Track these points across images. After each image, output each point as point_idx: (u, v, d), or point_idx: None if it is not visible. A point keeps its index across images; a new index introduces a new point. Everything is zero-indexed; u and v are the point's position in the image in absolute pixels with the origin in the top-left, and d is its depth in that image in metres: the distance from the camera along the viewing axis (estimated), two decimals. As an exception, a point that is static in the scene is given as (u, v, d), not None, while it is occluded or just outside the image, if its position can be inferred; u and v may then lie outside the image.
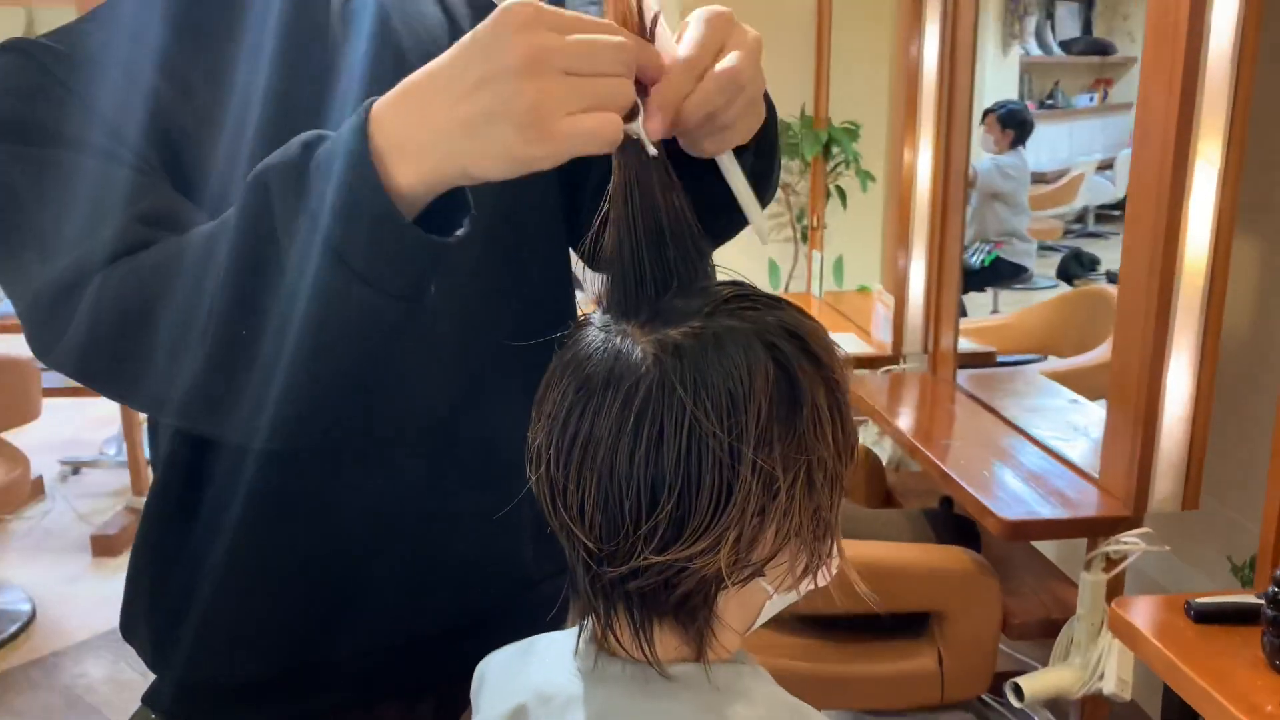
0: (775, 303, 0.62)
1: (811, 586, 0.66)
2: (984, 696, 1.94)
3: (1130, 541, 1.59)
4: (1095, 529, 1.63)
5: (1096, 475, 1.71)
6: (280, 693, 0.85)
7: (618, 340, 0.59)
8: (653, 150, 0.59)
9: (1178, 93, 1.44)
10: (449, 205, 0.59)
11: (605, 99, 0.54)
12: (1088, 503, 1.65)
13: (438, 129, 0.55)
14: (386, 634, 0.84)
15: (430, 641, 0.84)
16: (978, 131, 3.06)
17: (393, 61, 0.78)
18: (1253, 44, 1.42)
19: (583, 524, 0.59)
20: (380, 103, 0.57)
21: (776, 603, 0.66)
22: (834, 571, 0.67)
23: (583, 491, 0.58)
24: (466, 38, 0.55)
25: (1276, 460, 1.31)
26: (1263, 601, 1.19)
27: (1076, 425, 1.96)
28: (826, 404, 0.60)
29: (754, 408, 0.57)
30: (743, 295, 0.61)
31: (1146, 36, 1.52)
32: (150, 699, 0.88)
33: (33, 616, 2.80)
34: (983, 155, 3.05)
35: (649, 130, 0.59)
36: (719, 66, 0.59)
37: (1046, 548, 2.16)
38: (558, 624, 0.77)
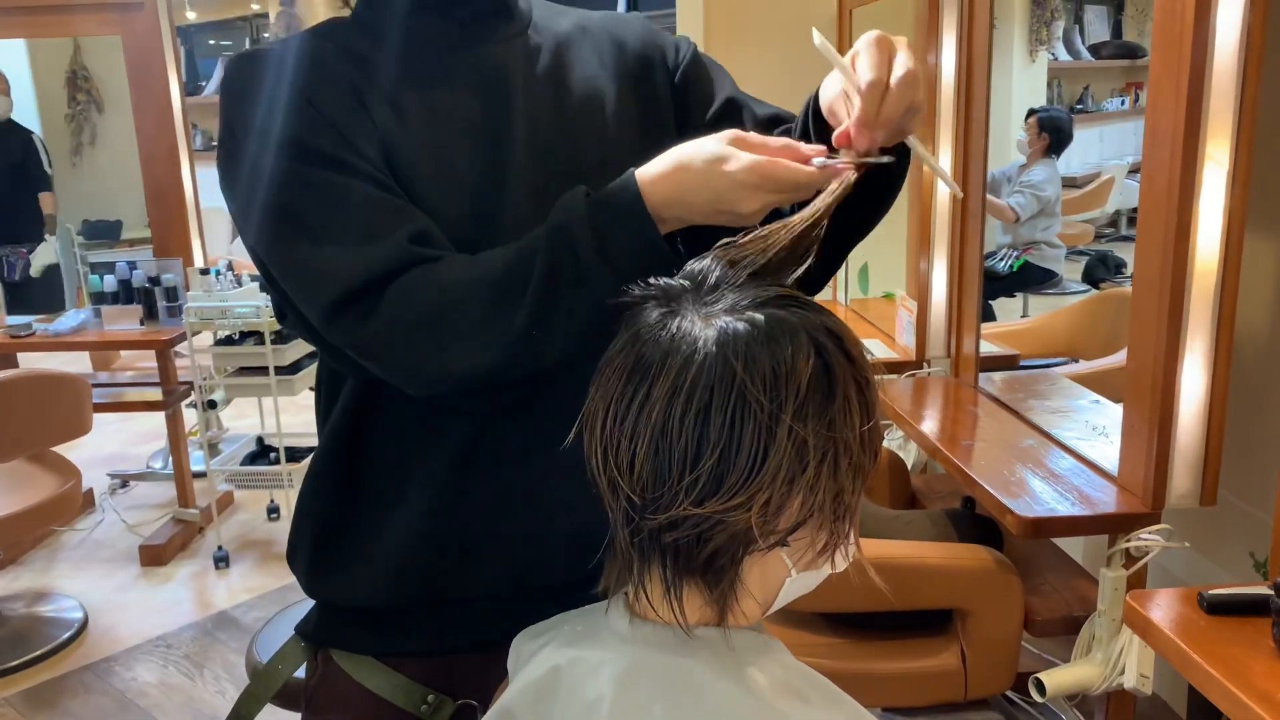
0: (820, 308, 0.70)
1: (830, 569, 0.72)
2: (1007, 693, 1.96)
3: (1149, 538, 1.61)
4: (1113, 526, 1.65)
5: (1116, 474, 1.73)
6: (403, 625, 0.96)
7: (676, 321, 0.68)
8: (853, 176, 0.78)
9: (1184, 96, 1.47)
10: None
11: (793, 183, 0.78)
12: (1106, 500, 1.67)
13: (692, 210, 0.79)
14: (501, 583, 0.94)
15: (536, 594, 0.92)
16: (1016, 130, 3.08)
17: (558, 102, 0.95)
18: (1258, 47, 1.45)
19: (630, 475, 0.66)
20: (646, 177, 0.79)
21: (797, 583, 0.71)
22: (850, 557, 0.72)
23: (635, 446, 0.66)
24: (706, 158, 0.78)
25: (1287, 454, 1.33)
26: (1273, 592, 1.21)
27: (1097, 426, 1.97)
28: (856, 399, 0.67)
29: (794, 385, 0.64)
30: (792, 297, 0.70)
31: (1153, 42, 1.55)
32: (300, 626, 1.01)
33: (85, 624, 2.90)
34: (1009, 179, 3.06)
35: (858, 147, 0.77)
36: (896, 74, 0.75)
37: (1074, 548, 2.17)
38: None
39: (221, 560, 3.23)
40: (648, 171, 0.80)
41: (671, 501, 0.65)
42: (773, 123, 1.00)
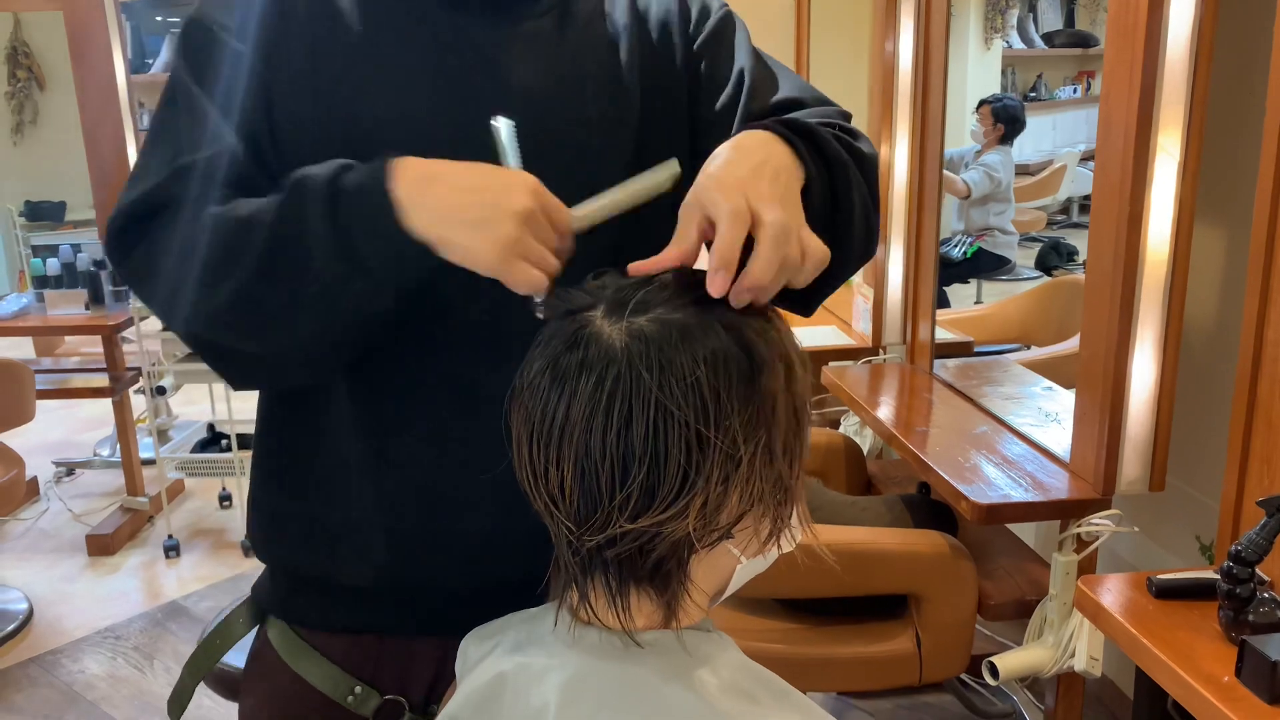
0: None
1: (777, 553, 0.71)
2: (961, 676, 1.99)
3: (1099, 523, 1.64)
4: (1065, 511, 1.68)
5: (1068, 460, 1.76)
6: (352, 603, 0.94)
7: (588, 330, 0.64)
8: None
9: (1138, 88, 1.49)
10: None
11: (544, 264, 0.72)
12: (1058, 486, 1.70)
13: (441, 206, 0.72)
14: (459, 580, 0.92)
15: (491, 593, 0.90)
16: (970, 119, 3.11)
17: (568, 75, 0.88)
18: (1209, 40, 1.47)
19: (563, 501, 0.64)
20: (405, 162, 0.73)
21: (746, 569, 0.71)
22: (797, 539, 0.72)
23: (562, 471, 0.63)
24: (491, 170, 0.74)
25: (1233, 443, 1.36)
26: (1219, 577, 1.23)
27: (1049, 412, 2.00)
28: (783, 384, 0.65)
29: (714, 386, 0.62)
30: (709, 299, 0.66)
31: (1107, 34, 1.56)
32: (254, 587, 1.01)
33: (30, 615, 2.84)
34: (966, 164, 3.09)
35: (713, 287, 0.67)
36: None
37: (1026, 533, 2.20)
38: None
39: (172, 549, 3.18)
40: (418, 160, 0.74)
41: (606, 521, 0.63)
42: (781, 110, 0.92)
